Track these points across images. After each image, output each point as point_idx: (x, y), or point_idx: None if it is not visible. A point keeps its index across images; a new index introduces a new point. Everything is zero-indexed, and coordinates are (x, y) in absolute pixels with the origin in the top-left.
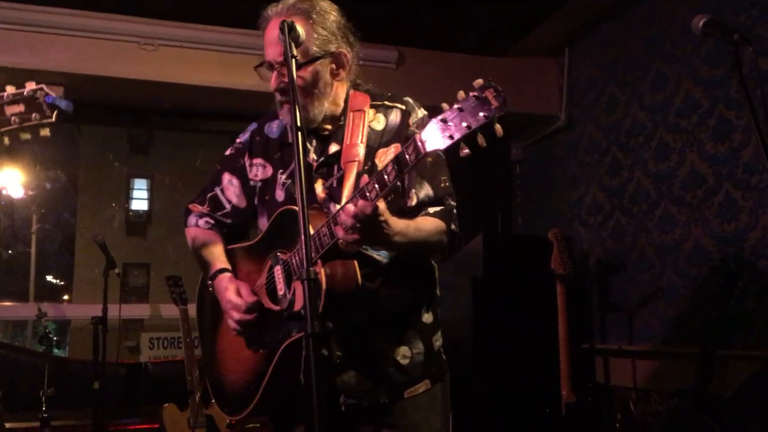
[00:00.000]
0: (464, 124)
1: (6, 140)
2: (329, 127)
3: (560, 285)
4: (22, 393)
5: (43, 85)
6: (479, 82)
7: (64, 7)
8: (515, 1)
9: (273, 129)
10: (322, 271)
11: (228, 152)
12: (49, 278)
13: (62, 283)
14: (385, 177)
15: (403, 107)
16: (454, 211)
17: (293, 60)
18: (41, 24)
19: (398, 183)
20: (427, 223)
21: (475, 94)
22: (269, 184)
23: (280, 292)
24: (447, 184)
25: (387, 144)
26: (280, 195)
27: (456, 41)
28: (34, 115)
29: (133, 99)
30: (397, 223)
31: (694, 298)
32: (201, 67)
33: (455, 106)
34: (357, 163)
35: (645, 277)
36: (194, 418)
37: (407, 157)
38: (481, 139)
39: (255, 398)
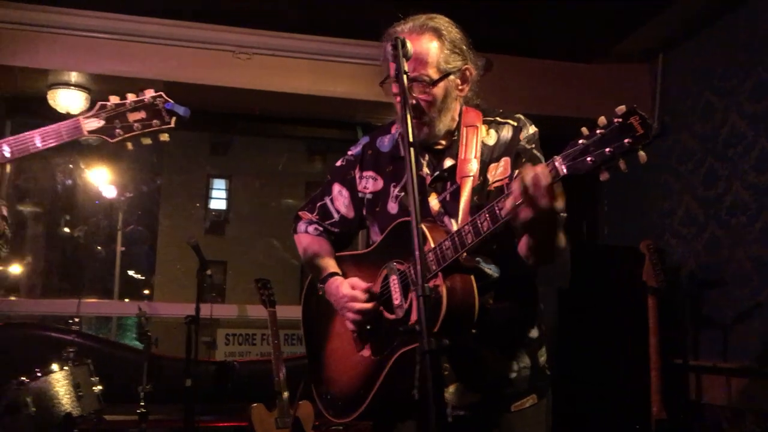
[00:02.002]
0: (607, 150)
1: (129, 145)
2: (443, 141)
3: (652, 298)
4: (120, 387)
5: (162, 93)
6: (622, 108)
7: (164, 17)
8: (609, 8)
9: (385, 143)
10: (443, 284)
11: (339, 163)
12: (131, 273)
13: (143, 278)
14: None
15: (515, 123)
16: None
17: (426, 78)
18: (142, 34)
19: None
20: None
21: (619, 120)
22: (380, 196)
23: (396, 302)
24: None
25: (498, 158)
26: (393, 207)
27: (546, 48)
28: (154, 121)
29: (225, 105)
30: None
31: None
32: (292, 75)
33: (597, 131)
34: (472, 178)
35: (742, 292)
36: (282, 418)
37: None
38: (623, 165)
39: (364, 404)
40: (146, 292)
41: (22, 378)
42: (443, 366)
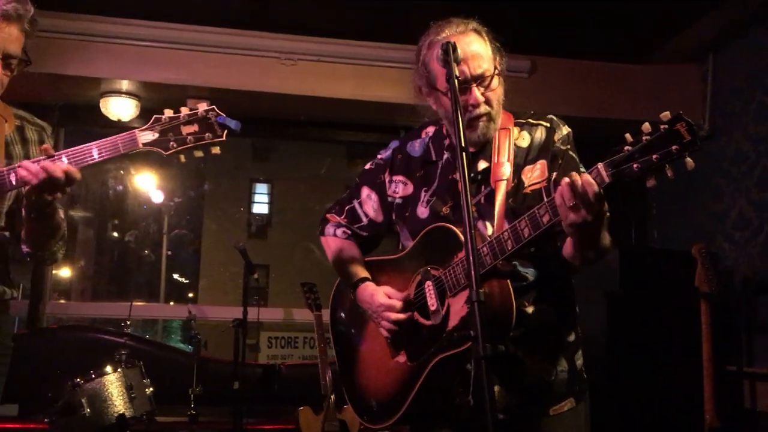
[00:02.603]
0: (654, 157)
1: (182, 157)
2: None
3: (704, 303)
4: (169, 389)
5: (214, 106)
6: (667, 114)
7: (211, 26)
8: (657, 7)
9: (415, 147)
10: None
11: (368, 167)
12: (176, 276)
13: (188, 281)
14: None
15: (548, 125)
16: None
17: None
18: (190, 42)
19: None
20: (605, 233)
21: (665, 126)
22: (410, 201)
23: (432, 307)
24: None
25: (533, 161)
26: (423, 212)
27: (591, 49)
28: (207, 134)
29: (271, 111)
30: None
31: None
32: (336, 80)
33: (643, 138)
34: (506, 181)
35: None
36: (328, 422)
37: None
38: (670, 172)
39: (401, 409)
40: (191, 295)
41: (77, 379)
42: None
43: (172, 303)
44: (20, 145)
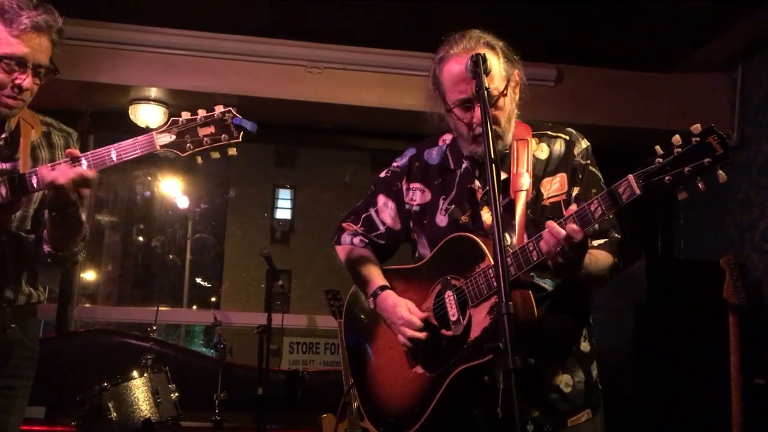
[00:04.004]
0: (686, 169)
1: (199, 159)
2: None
3: (733, 315)
4: (194, 395)
5: (231, 108)
6: (698, 127)
7: (239, 34)
8: (686, 16)
9: (433, 155)
10: None
11: (383, 175)
12: (199, 280)
13: (210, 286)
14: (589, 213)
15: (567, 138)
16: (619, 244)
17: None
18: (218, 50)
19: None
20: (602, 257)
21: (697, 139)
22: (428, 209)
23: (453, 318)
24: (611, 215)
25: (552, 173)
26: (442, 220)
27: (618, 57)
28: (223, 135)
29: (297, 119)
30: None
31: None
32: (363, 88)
33: (674, 150)
34: (525, 192)
35: None
36: (352, 429)
37: (618, 196)
38: (701, 184)
39: (420, 421)
40: (213, 299)
41: (104, 383)
42: (499, 381)
43: (194, 307)
44: (47, 150)
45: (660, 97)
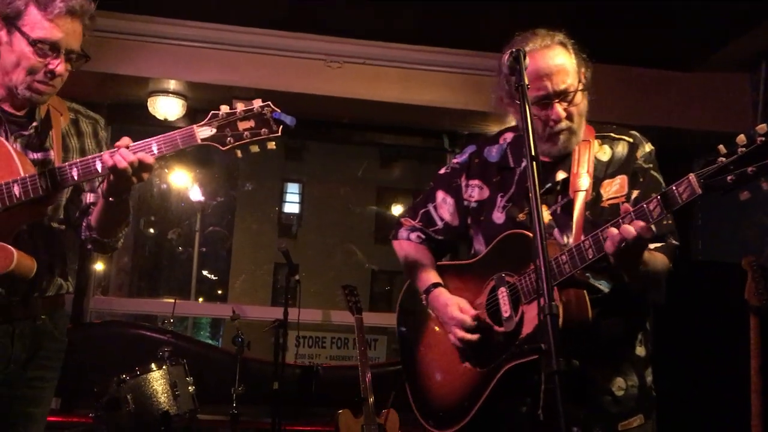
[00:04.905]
0: (750, 169)
1: (239, 153)
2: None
3: (754, 318)
4: (210, 388)
5: (269, 102)
6: (763, 127)
7: (257, 27)
8: (708, 15)
9: (492, 153)
10: (558, 299)
11: (443, 171)
12: (205, 272)
13: (217, 278)
14: (647, 212)
15: (631, 140)
16: (677, 251)
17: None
18: (237, 43)
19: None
20: (660, 259)
21: (762, 138)
22: (485, 205)
23: (506, 314)
24: (670, 221)
25: (612, 175)
26: (499, 217)
27: (640, 55)
28: (263, 130)
29: (316, 113)
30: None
31: None
32: (382, 83)
33: (738, 149)
34: (585, 192)
35: None
36: (368, 425)
37: (677, 196)
38: (766, 185)
39: (468, 416)
40: (219, 292)
41: (123, 375)
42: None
43: (201, 300)
44: (76, 138)
45: (682, 97)
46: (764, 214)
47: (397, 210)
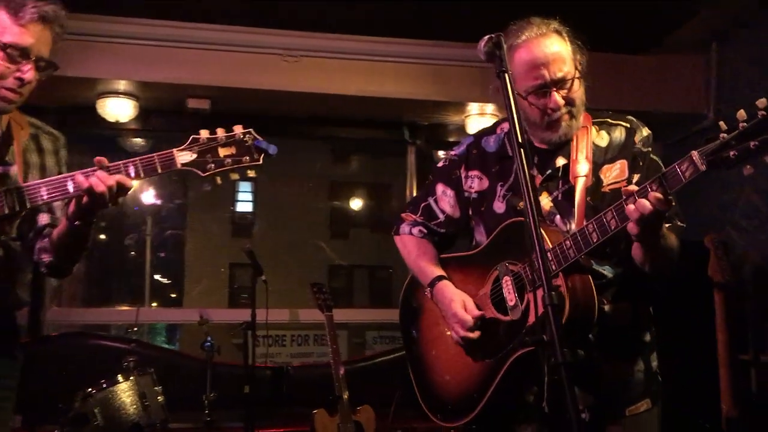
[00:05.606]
0: (752, 144)
1: (218, 179)
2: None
3: (718, 294)
4: (179, 395)
5: (251, 129)
6: (763, 101)
7: (210, 22)
8: None
9: (490, 143)
10: (564, 285)
11: (441, 164)
12: (157, 277)
13: (170, 281)
14: (650, 194)
15: (628, 125)
16: (684, 232)
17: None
18: (189, 40)
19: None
20: (672, 236)
21: (763, 113)
22: (486, 196)
23: (511, 303)
24: (675, 203)
25: (612, 161)
26: (500, 207)
27: (594, 40)
28: (245, 157)
29: (272, 109)
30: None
31: None
32: (340, 76)
33: (739, 125)
34: (585, 178)
35: None
36: (344, 423)
37: (681, 174)
38: None
39: (478, 407)
40: (173, 295)
41: (89, 389)
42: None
43: (155, 305)
44: (36, 153)
45: (637, 79)
46: (722, 192)
47: (355, 204)
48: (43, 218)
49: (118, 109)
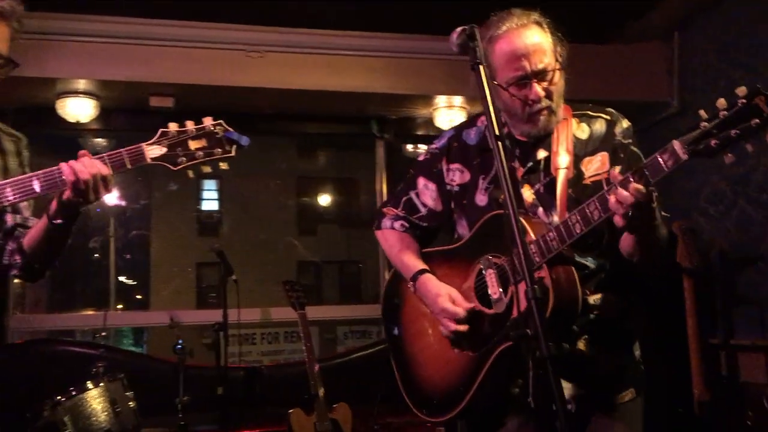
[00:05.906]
0: (733, 132)
1: (190, 173)
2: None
3: (687, 279)
4: (150, 400)
5: (221, 121)
6: (743, 89)
7: (172, 18)
8: None
9: (471, 136)
10: (548, 276)
11: (422, 158)
12: (123, 279)
13: (135, 283)
14: (630, 186)
15: (608, 117)
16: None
17: (558, 69)
18: (150, 37)
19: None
20: (663, 227)
21: (743, 101)
22: (468, 189)
23: (495, 296)
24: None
25: (592, 153)
26: (482, 200)
27: (556, 29)
28: (216, 150)
29: (237, 105)
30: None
31: None
32: (306, 71)
33: (720, 113)
34: (566, 170)
35: None
36: (320, 422)
37: (662, 164)
38: (750, 146)
39: (464, 401)
40: (139, 297)
41: (58, 397)
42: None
43: (120, 307)
44: None
45: (600, 69)
46: (688, 179)
47: (323, 200)
48: (11, 219)
49: (79, 109)
